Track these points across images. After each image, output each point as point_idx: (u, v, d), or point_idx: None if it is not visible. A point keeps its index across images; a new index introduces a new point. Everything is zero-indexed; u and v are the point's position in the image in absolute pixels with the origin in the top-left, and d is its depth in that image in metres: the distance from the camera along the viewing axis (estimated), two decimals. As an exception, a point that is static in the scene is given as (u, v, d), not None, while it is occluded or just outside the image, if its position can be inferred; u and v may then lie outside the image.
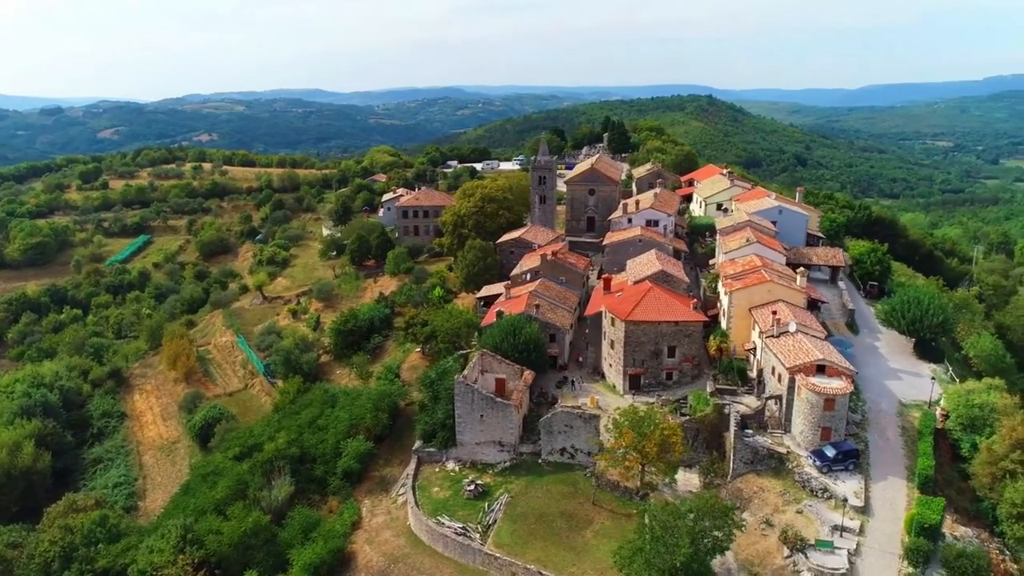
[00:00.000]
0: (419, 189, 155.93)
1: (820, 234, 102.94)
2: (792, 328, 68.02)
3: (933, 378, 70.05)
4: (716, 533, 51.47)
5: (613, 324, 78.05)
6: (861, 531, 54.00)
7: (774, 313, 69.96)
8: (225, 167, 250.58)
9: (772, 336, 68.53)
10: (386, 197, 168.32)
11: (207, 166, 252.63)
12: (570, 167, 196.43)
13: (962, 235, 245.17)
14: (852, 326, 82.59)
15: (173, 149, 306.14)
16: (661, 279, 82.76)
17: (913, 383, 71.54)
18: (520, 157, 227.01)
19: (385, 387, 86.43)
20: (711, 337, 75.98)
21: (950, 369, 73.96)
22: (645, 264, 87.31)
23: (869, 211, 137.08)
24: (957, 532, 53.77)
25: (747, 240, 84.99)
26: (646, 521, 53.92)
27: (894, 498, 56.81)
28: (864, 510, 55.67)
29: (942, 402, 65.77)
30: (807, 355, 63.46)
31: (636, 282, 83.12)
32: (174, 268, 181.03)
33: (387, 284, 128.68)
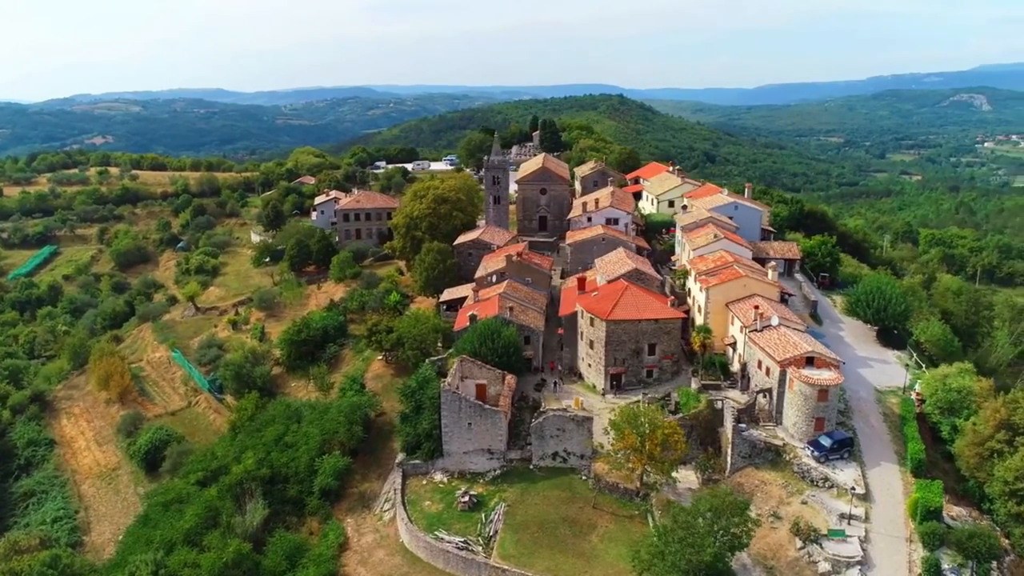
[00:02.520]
0: (357, 191, 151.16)
1: (772, 229, 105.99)
2: (775, 322, 69.35)
3: (907, 365, 73.04)
4: (734, 530, 51.61)
5: (592, 324, 77.54)
6: (866, 518, 55.42)
7: (756, 308, 71.14)
8: (134, 171, 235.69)
9: (755, 330, 69.70)
10: (319, 200, 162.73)
11: (114, 171, 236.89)
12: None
13: (864, 225, 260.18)
14: (815, 317, 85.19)
15: (73, 153, 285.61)
16: (635, 277, 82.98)
17: (883, 370, 74.46)
18: (450, 157, 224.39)
19: (355, 398, 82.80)
20: (694, 333, 76.60)
21: (914, 355, 77.33)
22: (616, 263, 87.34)
23: (801, 205, 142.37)
24: (952, 512, 56.02)
25: (715, 236, 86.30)
26: (664, 523, 53.41)
27: (890, 483, 58.70)
28: (865, 497, 57.22)
29: (917, 387, 68.60)
30: (795, 348, 64.77)
31: (610, 281, 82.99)
32: (88, 280, 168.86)
33: (332, 290, 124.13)
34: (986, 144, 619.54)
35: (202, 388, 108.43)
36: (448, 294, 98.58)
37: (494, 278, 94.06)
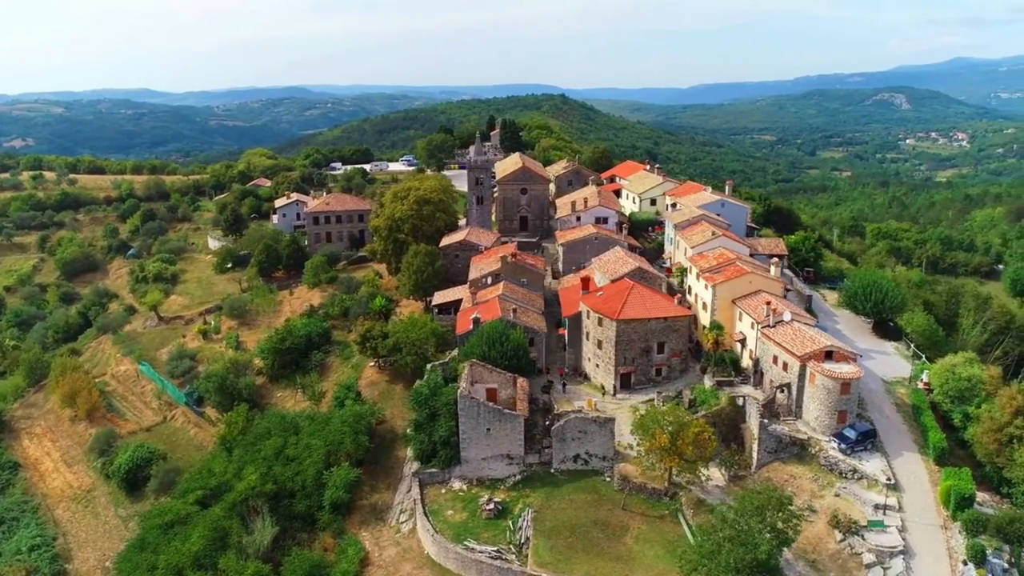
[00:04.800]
0: (326, 194, 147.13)
1: (755, 226, 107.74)
2: (787, 317, 70.24)
3: (914, 355, 74.98)
4: (781, 526, 51.80)
5: (600, 324, 77.13)
6: (899, 507, 56.51)
7: (768, 304, 71.86)
8: (72, 176, 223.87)
9: (768, 326, 70.43)
10: (280, 203, 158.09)
11: (49, 175, 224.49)
12: (464, 167, 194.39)
13: (806, 221, 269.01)
14: (811, 311, 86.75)
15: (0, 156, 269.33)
16: (638, 276, 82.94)
17: (886, 361, 76.43)
18: (407, 157, 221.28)
19: (357, 407, 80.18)
20: (707, 331, 76.95)
21: (911, 346, 79.62)
22: (617, 262, 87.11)
23: (769, 201, 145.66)
24: (978, 498, 57.57)
25: (712, 233, 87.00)
26: (714, 521, 53.17)
27: (916, 472, 60.10)
28: (894, 487, 58.36)
29: (924, 376, 70.53)
30: (813, 343, 65.71)
31: (613, 280, 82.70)
32: (33, 291, 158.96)
33: (307, 296, 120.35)
34: (908, 141, 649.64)
35: (178, 402, 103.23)
36: (440, 297, 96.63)
37: (489, 280, 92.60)
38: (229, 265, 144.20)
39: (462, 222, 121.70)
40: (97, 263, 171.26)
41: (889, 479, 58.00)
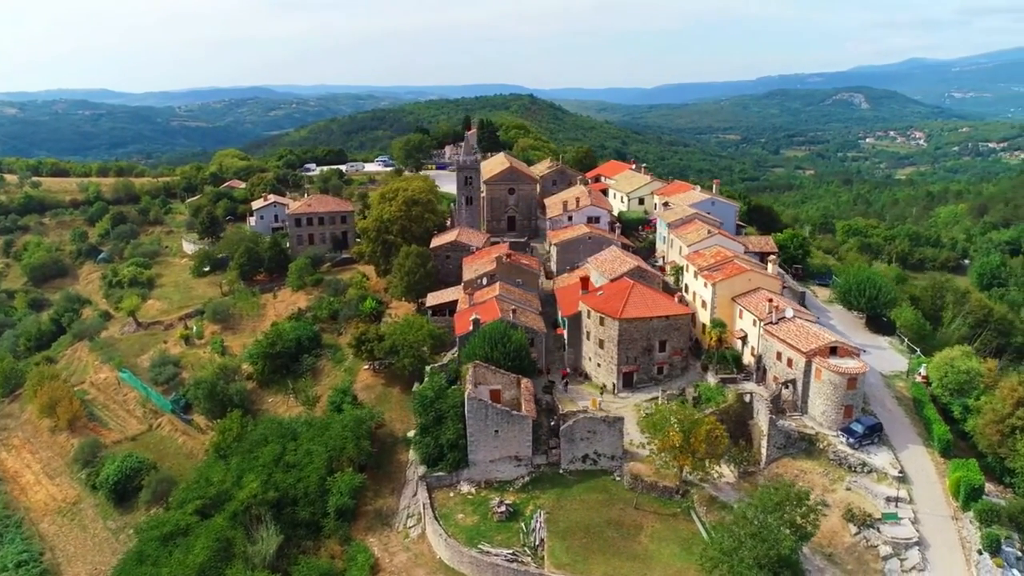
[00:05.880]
0: (308, 195, 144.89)
1: (743, 224, 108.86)
2: (789, 314, 71.02)
3: (914, 350, 76.38)
4: (800, 521, 52.25)
5: (602, 323, 77.16)
6: (910, 499, 57.42)
7: (770, 301, 72.54)
8: (35, 178, 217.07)
9: (771, 323, 71.10)
10: (257, 205, 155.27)
11: (10, 177, 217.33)
12: (441, 167, 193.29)
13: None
14: (804, 307, 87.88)
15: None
16: (637, 275, 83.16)
17: (882, 356, 77.75)
18: (382, 157, 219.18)
19: (356, 411, 79.01)
20: (710, 328, 77.40)
21: (905, 340, 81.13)
22: (614, 261, 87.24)
23: (749, 200, 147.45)
24: (985, 488, 58.72)
25: (708, 232, 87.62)
26: (737, 517, 53.37)
27: (922, 464, 61.17)
28: (903, 479, 59.30)
29: (922, 370, 71.89)
30: (818, 339, 66.51)
31: (612, 279, 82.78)
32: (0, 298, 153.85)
33: (292, 299, 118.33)
34: (867, 140, 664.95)
35: (163, 409, 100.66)
36: (434, 298, 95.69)
37: (484, 280, 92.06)
38: (207, 268, 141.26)
39: (449, 222, 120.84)
40: (66, 268, 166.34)
41: (900, 472, 58.89)
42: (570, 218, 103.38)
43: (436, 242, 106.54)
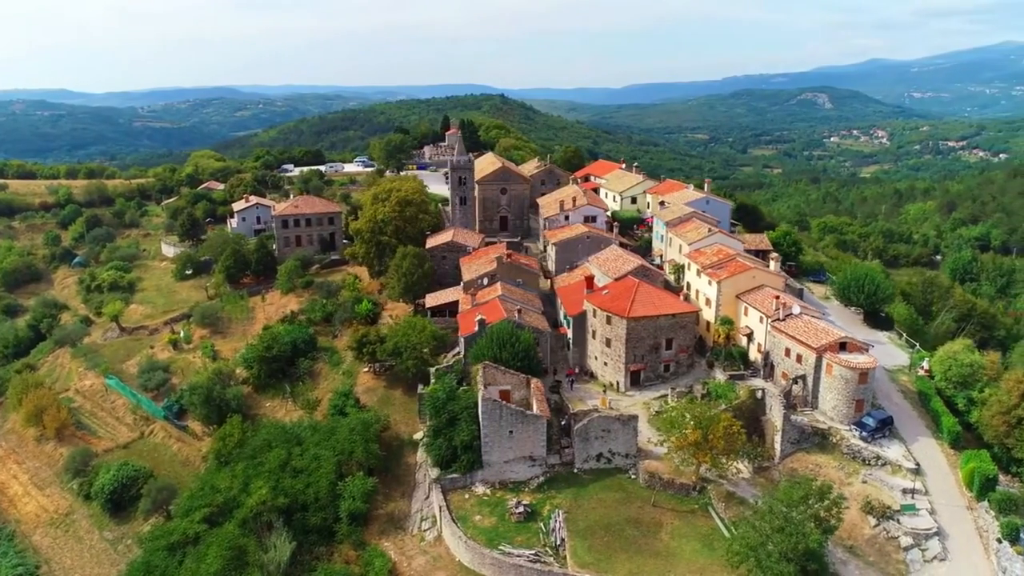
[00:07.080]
0: (293, 196, 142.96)
1: (736, 222, 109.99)
2: (796, 311, 71.94)
3: (913, 345, 77.83)
4: (823, 514, 52.91)
5: (610, 322, 77.37)
6: (925, 491, 58.53)
7: (777, 298, 73.40)
8: (1, 180, 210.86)
9: (778, 320, 71.95)
10: (238, 206, 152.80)
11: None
12: (422, 167, 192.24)
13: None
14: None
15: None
16: (641, 274, 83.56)
17: (882, 350, 78.89)
18: (362, 158, 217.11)
19: (362, 415, 78.16)
20: (717, 326, 78.03)
21: (903, 335, 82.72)
22: (617, 260, 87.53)
23: (735, 198, 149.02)
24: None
25: (708, 230, 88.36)
26: (763, 512, 53.81)
27: (934, 456, 62.41)
28: (917, 471, 60.41)
29: (924, 364, 73.35)
30: (827, 334, 67.48)
31: (616, 279, 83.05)
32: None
33: (281, 302, 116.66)
34: (832, 139, 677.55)
35: (155, 416, 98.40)
36: (433, 299, 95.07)
37: (485, 280, 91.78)
38: (190, 272, 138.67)
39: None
40: (40, 272, 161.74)
41: (915, 464, 59.99)
42: (567, 218, 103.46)
43: (431, 243, 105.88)
